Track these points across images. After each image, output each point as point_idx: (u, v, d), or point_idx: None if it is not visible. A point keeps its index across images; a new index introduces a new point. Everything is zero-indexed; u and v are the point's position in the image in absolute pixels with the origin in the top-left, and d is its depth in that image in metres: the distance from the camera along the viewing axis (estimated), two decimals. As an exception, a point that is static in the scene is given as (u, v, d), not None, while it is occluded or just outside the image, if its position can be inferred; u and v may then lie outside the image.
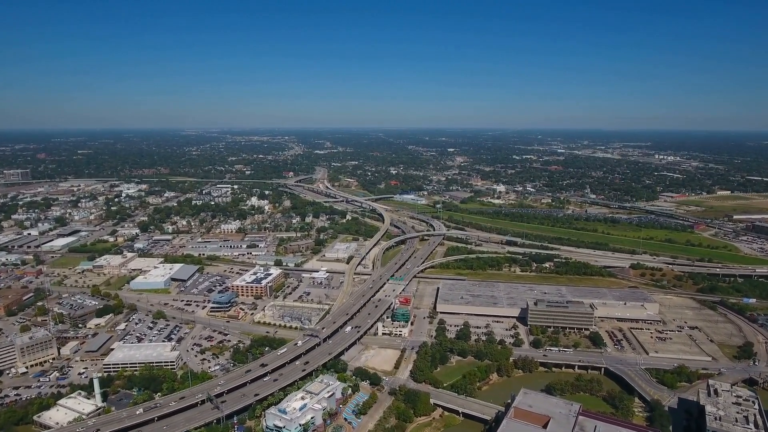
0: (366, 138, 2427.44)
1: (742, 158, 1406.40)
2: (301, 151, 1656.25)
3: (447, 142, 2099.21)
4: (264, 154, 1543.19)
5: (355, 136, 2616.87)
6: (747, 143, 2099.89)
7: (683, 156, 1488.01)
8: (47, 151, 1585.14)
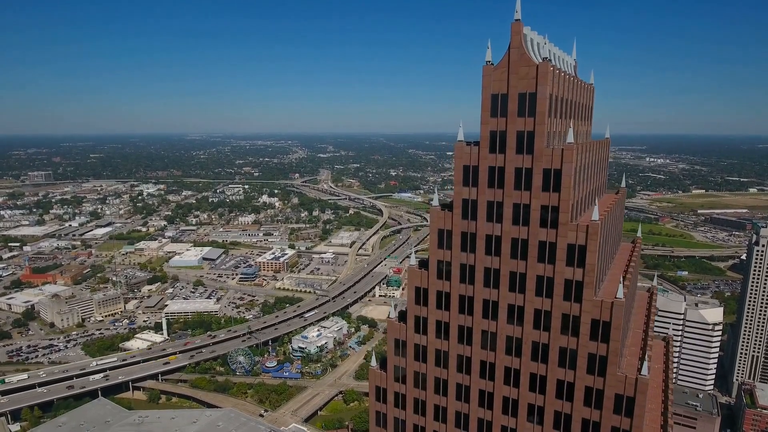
0: (367, 142, 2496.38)
1: (729, 160, 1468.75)
2: (304, 155, 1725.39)
3: (446, 146, 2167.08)
4: (269, 157, 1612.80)
5: (356, 140, 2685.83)
6: (741, 147, 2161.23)
7: (673, 158, 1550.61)
8: (59, 155, 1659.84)
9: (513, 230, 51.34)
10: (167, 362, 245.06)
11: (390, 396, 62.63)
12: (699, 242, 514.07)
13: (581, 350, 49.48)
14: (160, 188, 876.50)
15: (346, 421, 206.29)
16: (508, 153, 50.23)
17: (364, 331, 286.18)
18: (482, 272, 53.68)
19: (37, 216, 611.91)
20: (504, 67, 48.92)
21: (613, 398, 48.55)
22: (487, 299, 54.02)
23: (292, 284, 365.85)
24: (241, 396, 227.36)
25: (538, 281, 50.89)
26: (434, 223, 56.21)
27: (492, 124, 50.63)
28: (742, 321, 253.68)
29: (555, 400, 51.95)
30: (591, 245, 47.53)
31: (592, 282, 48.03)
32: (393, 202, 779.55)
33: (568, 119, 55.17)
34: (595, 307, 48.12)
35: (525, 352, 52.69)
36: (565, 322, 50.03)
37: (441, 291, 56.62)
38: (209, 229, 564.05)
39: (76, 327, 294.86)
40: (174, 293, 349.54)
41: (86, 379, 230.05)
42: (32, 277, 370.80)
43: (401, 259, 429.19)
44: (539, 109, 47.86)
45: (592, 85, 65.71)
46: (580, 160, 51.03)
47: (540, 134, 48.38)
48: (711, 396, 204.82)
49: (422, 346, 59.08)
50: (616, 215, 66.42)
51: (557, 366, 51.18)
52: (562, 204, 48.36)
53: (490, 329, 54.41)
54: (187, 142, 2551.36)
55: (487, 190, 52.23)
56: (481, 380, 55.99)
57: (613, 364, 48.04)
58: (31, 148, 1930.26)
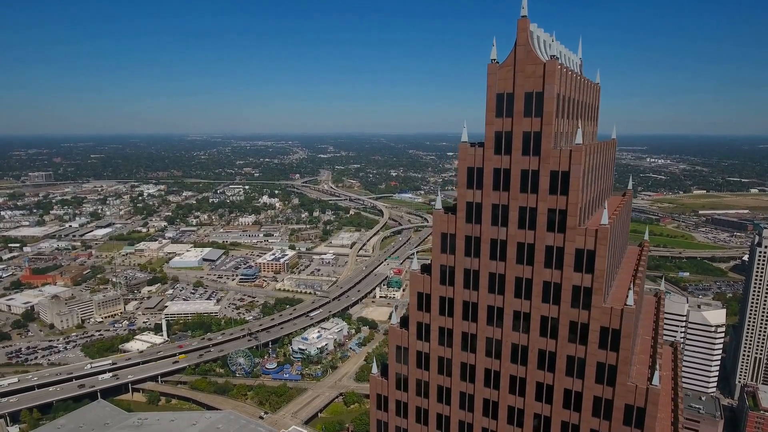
0: (368, 142, 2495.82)
1: (730, 161, 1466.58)
2: (305, 155, 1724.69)
3: (447, 147, 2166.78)
4: (270, 157, 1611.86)
5: (357, 140, 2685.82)
6: (742, 147, 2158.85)
7: (674, 159, 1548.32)
8: (60, 155, 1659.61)
9: (519, 234, 49.71)
10: (176, 361, 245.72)
11: (391, 404, 61.01)
12: (700, 243, 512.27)
13: (590, 359, 47.84)
14: (161, 189, 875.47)
15: (346, 423, 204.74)
16: (514, 154, 48.61)
17: (365, 333, 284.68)
18: (487, 278, 52.04)
19: (38, 217, 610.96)
20: (510, 65, 47.31)
21: (623, 409, 46.87)
22: (492, 305, 52.40)
23: (293, 285, 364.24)
24: (241, 398, 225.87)
25: (545, 287, 49.26)
26: (437, 226, 54.44)
27: (497, 124, 49.02)
28: (744, 323, 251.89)
29: (562, 410, 50.30)
30: (600, 250, 45.90)
31: (602, 288, 46.39)
32: (393, 202, 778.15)
33: (576, 119, 53.57)
34: (605, 314, 46.49)
35: (531, 361, 51.06)
36: (573, 329, 48.40)
37: (444, 297, 54.99)
38: (209, 230, 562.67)
39: (75, 328, 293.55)
40: (174, 294, 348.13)
41: (86, 381, 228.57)
42: (32, 278, 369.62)
43: (402, 260, 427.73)
44: (547, 108, 46.23)
45: (598, 84, 64.13)
46: (588, 161, 49.40)
47: (547, 135, 46.76)
48: (713, 398, 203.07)
49: (425, 354, 57.46)
50: (624, 218, 64.79)
51: (565, 375, 49.55)
52: (570, 207, 46.74)
53: (495, 336, 52.77)
54: (187, 143, 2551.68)
55: (492, 193, 50.51)
56: (486, 389, 54.36)
57: (623, 374, 46.40)
58: (32, 149, 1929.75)
